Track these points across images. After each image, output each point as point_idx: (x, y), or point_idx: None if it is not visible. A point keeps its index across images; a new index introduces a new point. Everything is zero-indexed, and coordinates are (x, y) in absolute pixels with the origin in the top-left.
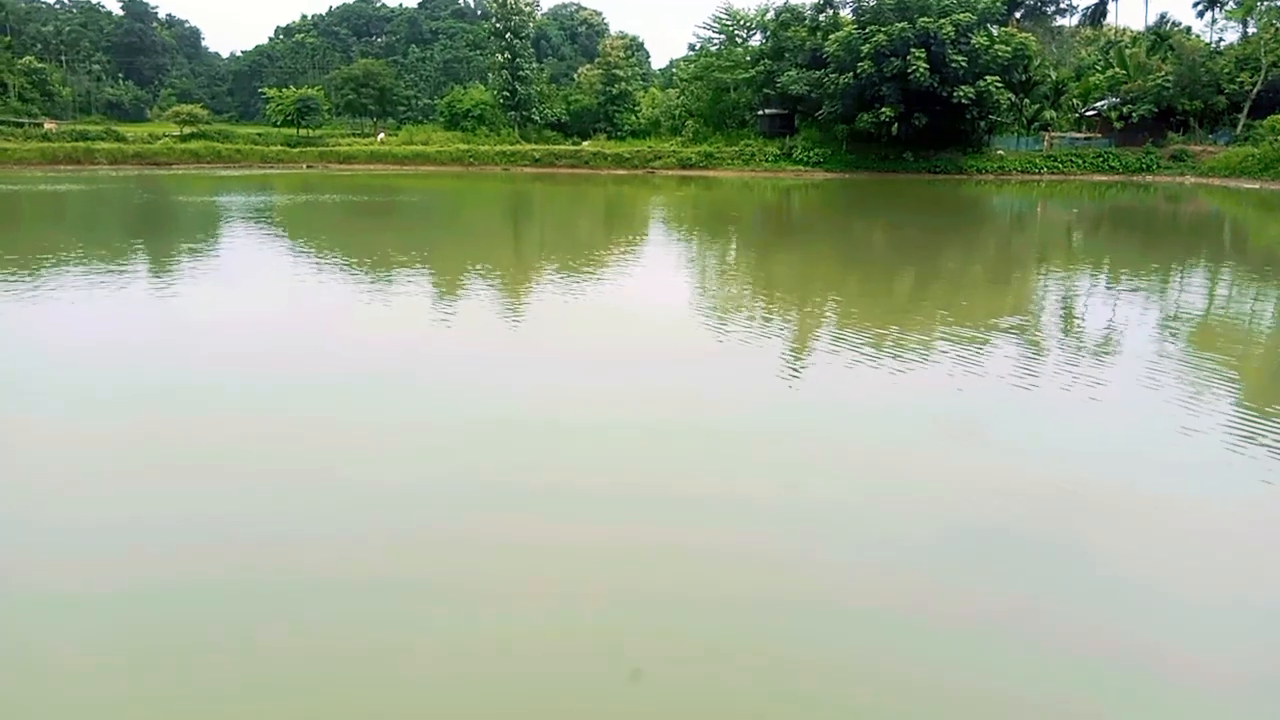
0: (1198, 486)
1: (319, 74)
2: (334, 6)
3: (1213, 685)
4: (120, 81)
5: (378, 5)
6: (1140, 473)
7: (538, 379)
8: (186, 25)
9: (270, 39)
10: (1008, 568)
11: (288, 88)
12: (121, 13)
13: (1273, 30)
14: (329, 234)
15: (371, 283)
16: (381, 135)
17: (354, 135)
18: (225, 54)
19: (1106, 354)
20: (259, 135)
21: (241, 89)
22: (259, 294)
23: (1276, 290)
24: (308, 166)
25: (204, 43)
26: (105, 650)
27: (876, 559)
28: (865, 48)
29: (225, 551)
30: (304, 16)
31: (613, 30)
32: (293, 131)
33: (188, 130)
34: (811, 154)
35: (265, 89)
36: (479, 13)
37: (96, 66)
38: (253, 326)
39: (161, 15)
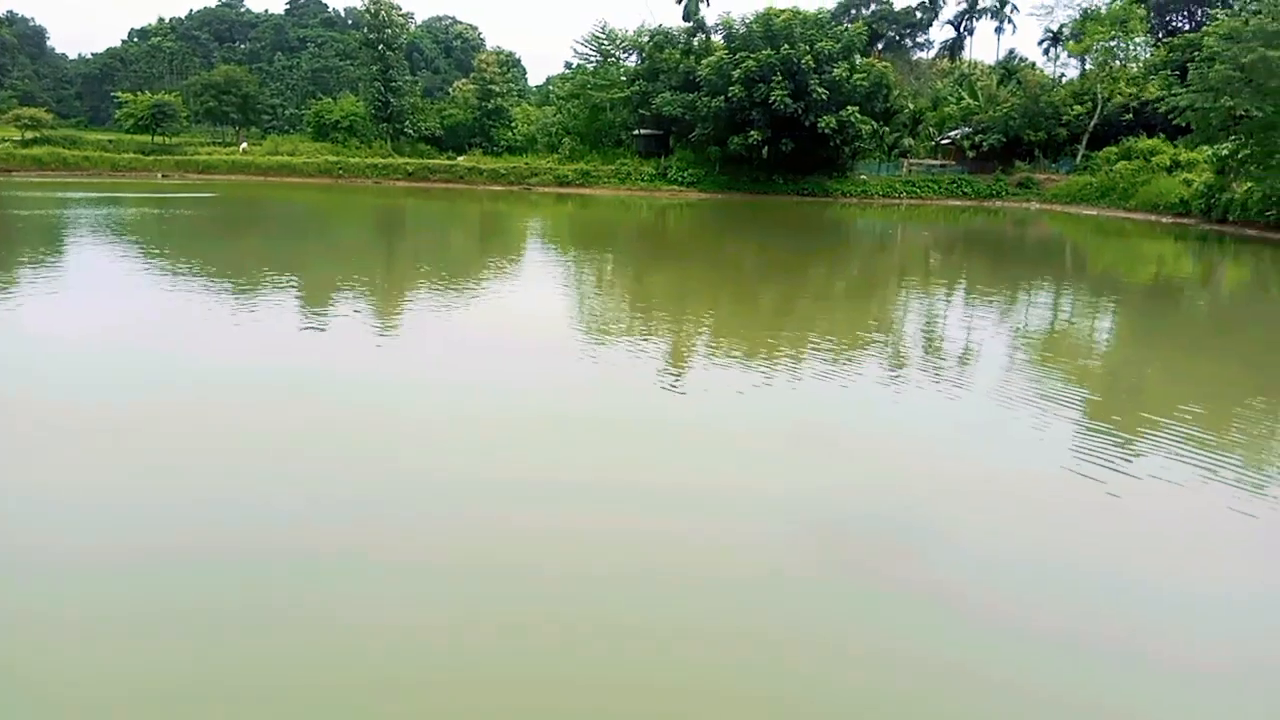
0: (1036, 469)
1: (177, 79)
2: (194, 10)
3: (1037, 633)
4: None
5: (241, 10)
6: (985, 462)
7: (408, 399)
8: (31, 24)
9: (123, 41)
10: (884, 541)
11: (142, 93)
12: None
13: (1107, 68)
14: (186, 248)
15: (234, 301)
16: (244, 145)
17: (214, 144)
18: (73, 55)
19: (957, 362)
20: (109, 142)
21: (91, 93)
22: (103, 311)
23: (1111, 308)
24: (163, 176)
25: (49, 43)
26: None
27: (767, 540)
28: (736, 73)
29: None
30: (161, 19)
31: (488, 45)
32: (147, 139)
33: (30, 135)
34: (686, 174)
35: (118, 93)
36: (349, 22)
37: None
38: (104, 344)
39: (1, 11)
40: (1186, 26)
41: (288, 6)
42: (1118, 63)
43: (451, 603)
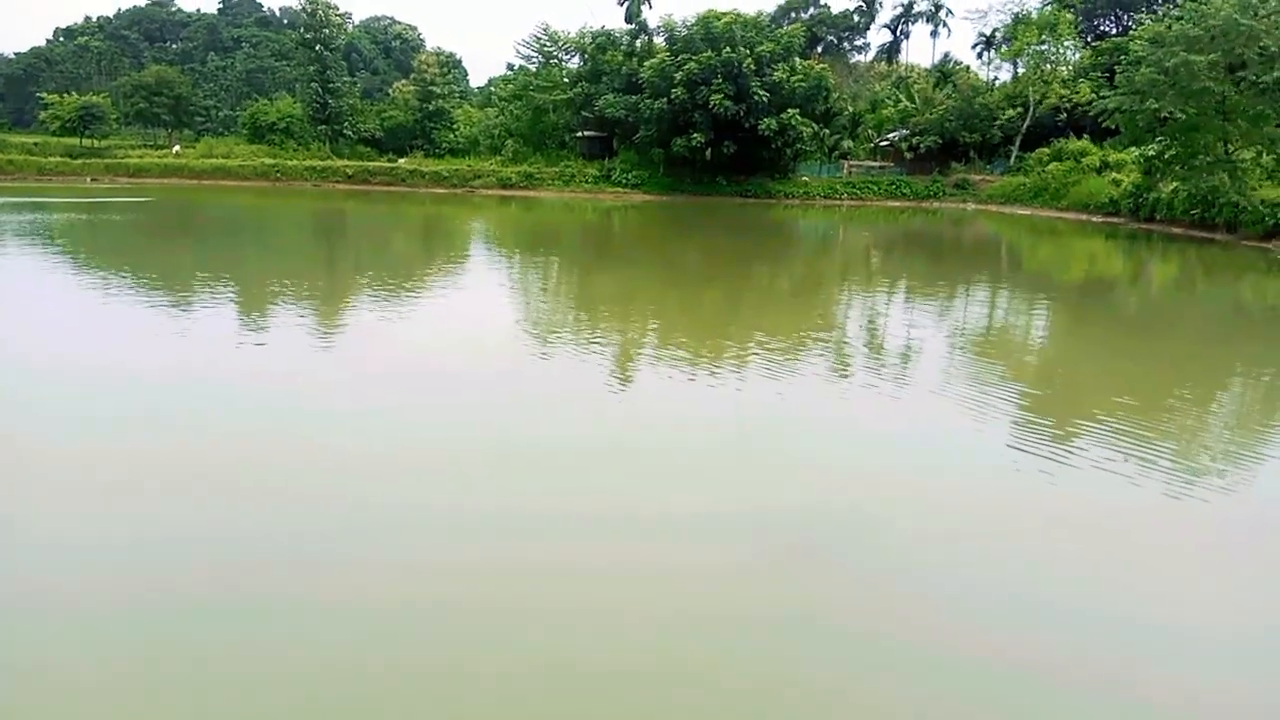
0: (981, 476)
1: (106, 80)
2: (122, 9)
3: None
4: None
5: (173, 9)
6: (933, 466)
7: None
8: None
9: (49, 41)
10: (828, 556)
11: (69, 94)
12: None
13: (1038, 71)
14: (118, 257)
15: (172, 314)
16: (177, 147)
17: (146, 147)
18: None
19: (901, 361)
20: (35, 145)
21: (14, 94)
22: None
23: (1047, 306)
24: (92, 180)
25: None
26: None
27: (714, 557)
28: (678, 75)
29: None
30: (88, 18)
31: (428, 46)
32: (74, 141)
33: None
34: (630, 176)
35: (43, 94)
36: (285, 22)
37: None
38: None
39: None
40: (1114, 31)
41: (221, 6)
42: (1048, 66)
43: (396, 643)
